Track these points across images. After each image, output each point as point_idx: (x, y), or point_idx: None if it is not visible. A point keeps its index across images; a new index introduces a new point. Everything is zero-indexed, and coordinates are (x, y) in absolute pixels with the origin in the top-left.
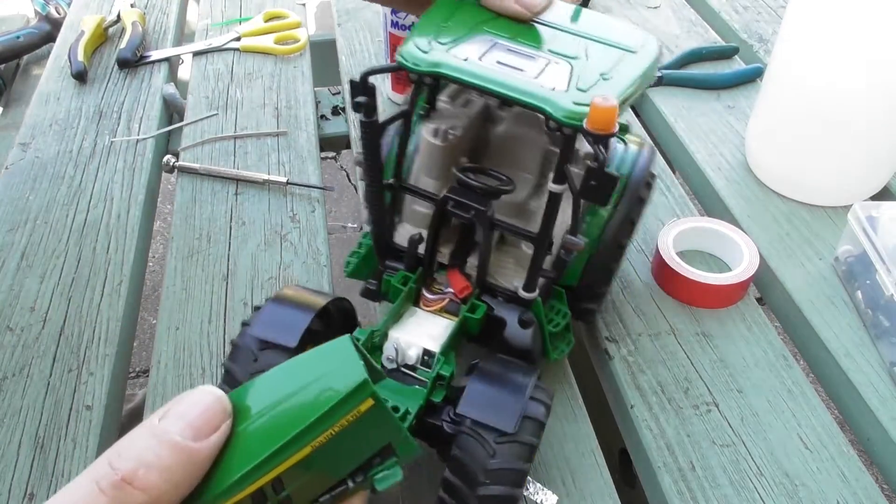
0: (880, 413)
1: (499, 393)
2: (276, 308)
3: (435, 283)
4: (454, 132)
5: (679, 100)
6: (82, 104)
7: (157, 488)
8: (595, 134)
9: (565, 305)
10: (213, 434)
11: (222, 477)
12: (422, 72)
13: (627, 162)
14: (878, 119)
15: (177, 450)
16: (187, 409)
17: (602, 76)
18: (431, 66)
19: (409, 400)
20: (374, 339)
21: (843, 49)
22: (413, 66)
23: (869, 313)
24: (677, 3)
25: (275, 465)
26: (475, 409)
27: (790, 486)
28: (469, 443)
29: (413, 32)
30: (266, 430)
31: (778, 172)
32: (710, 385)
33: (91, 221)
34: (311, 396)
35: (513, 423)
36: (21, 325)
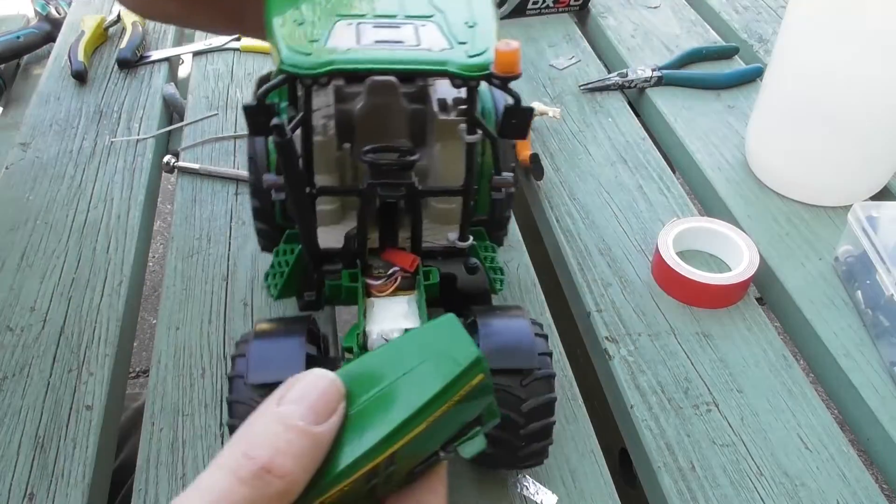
0: (880, 413)
1: (509, 340)
2: (263, 348)
3: (374, 270)
4: (329, 122)
5: (679, 100)
6: (82, 104)
7: (292, 474)
8: (504, 77)
9: (488, 240)
10: (331, 416)
11: (340, 458)
12: (318, 74)
13: (487, 96)
14: (877, 119)
15: (303, 434)
16: (304, 392)
17: (467, 24)
18: (325, 66)
19: None
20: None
21: (842, 49)
22: (308, 72)
23: (869, 313)
24: (677, 3)
25: (393, 443)
26: (496, 359)
27: (790, 486)
28: (499, 394)
29: (277, 40)
30: (381, 408)
31: (778, 172)
32: (710, 385)
33: (91, 221)
34: (426, 373)
35: (533, 360)
36: (21, 325)
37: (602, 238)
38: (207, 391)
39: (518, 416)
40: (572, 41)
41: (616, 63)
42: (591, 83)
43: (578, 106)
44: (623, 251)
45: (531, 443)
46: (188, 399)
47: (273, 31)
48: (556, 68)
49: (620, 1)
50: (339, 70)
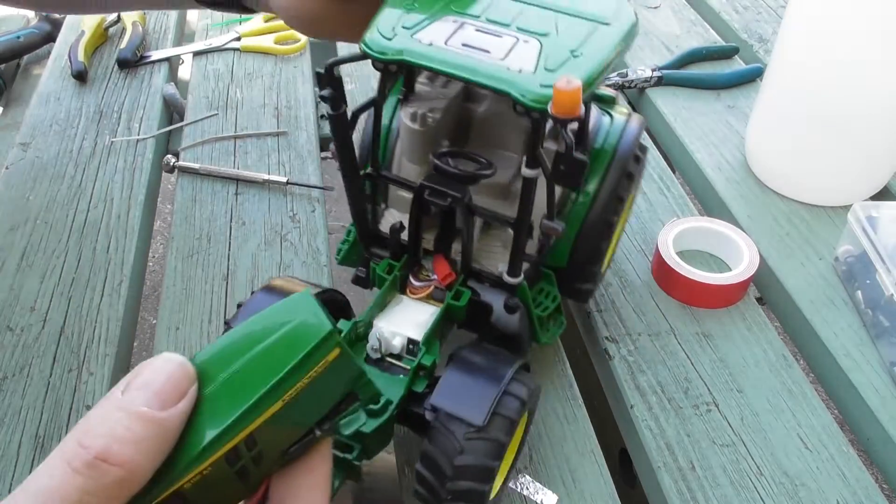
0: (880, 413)
1: (474, 384)
2: (258, 301)
3: (423, 270)
4: (433, 115)
5: (679, 100)
6: (82, 104)
7: (132, 461)
8: (560, 118)
9: (555, 287)
10: (180, 401)
11: (194, 441)
12: (386, 60)
13: (613, 135)
14: (877, 119)
15: (146, 420)
16: (150, 378)
17: (572, 53)
18: (395, 54)
19: (392, 389)
20: (357, 329)
21: (842, 49)
22: (378, 55)
23: (869, 313)
24: (677, 3)
25: (248, 423)
26: (448, 400)
27: (790, 486)
28: (439, 436)
29: (377, 19)
30: (235, 389)
31: (778, 172)
32: (710, 385)
33: (91, 221)
34: (278, 351)
35: (483, 416)
36: (21, 325)
37: None
38: None
39: (448, 466)
40: None
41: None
42: None
43: None
44: (623, 251)
45: (456, 501)
46: None
47: (384, 5)
48: None
49: None
50: (406, 62)
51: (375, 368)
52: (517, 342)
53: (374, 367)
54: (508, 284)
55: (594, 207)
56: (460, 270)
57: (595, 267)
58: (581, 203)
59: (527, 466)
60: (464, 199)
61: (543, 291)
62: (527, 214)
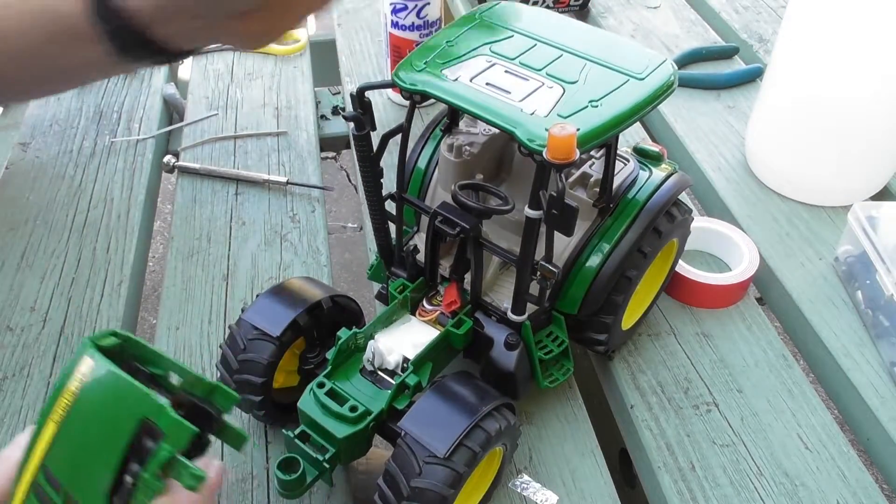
0: (880, 413)
1: (446, 413)
2: (272, 297)
3: (437, 296)
4: (470, 149)
5: (679, 100)
6: (82, 104)
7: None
8: (554, 162)
9: (564, 332)
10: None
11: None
12: (410, 90)
13: (646, 190)
14: (877, 119)
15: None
16: None
17: (591, 103)
18: (419, 85)
19: (375, 402)
20: (357, 340)
21: (842, 49)
22: (404, 84)
23: (869, 313)
24: (677, 3)
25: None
26: (416, 424)
27: (790, 486)
28: (402, 456)
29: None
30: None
31: (778, 172)
32: (710, 385)
33: (91, 221)
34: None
35: (446, 447)
36: (21, 325)
37: None
38: None
39: (404, 486)
40: None
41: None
42: None
43: None
44: None
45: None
46: None
47: (426, 42)
48: None
49: (620, 1)
50: (427, 93)
51: (367, 380)
52: (512, 381)
53: (366, 379)
54: (512, 322)
55: (611, 258)
56: (468, 300)
57: (608, 319)
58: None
59: (527, 467)
60: (471, 231)
61: (551, 335)
62: (528, 254)
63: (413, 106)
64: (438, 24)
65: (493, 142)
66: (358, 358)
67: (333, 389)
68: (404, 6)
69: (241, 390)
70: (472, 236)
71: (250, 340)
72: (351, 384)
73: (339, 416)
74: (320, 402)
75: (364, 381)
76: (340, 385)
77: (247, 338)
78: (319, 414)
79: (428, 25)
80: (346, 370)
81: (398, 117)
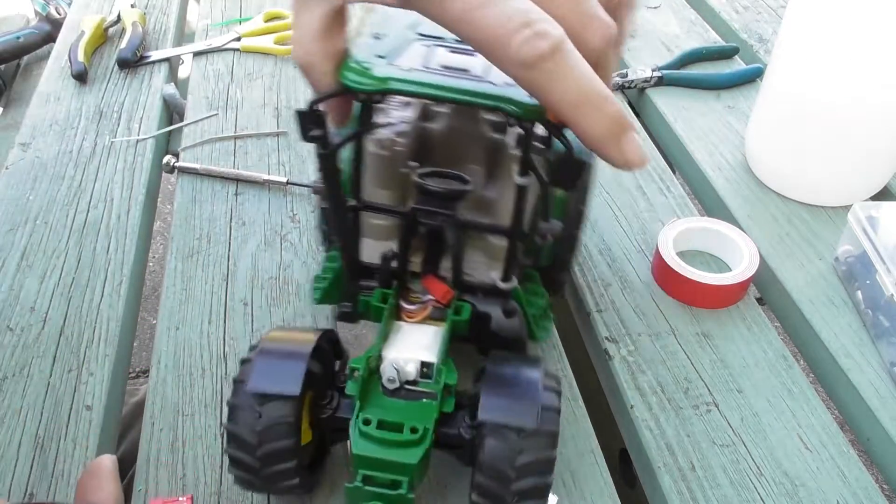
0: (880, 413)
1: (513, 392)
2: (268, 357)
3: (411, 294)
4: (401, 139)
5: (679, 100)
6: (82, 104)
7: None
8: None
9: (540, 285)
10: None
11: None
12: (371, 91)
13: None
14: (877, 119)
15: None
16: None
17: None
18: (380, 84)
19: (422, 416)
20: (371, 364)
21: (843, 49)
22: (362, 87)
23: (869, 313)
24: (677, 3)
25: None
26: (495, 413)
27: (790, 486)
28: (495, 445)
29: (350, 52)
30: None
31: (778, 172)
32: (710, 385)
33: (91, 221)
34: None
35: (534, 419)
36: (21, 325)
37: (602, 238)
38: (207, 391)
39: (510, 469)
40: None
41: None
42: None
43: None
44: (623, 251)
45: (523, 500)
46: (188, 399)
47: (352, 40)
48: None
49: None
50: (393, 91)
51: (396, 399)
52: (520, 344)
53: (394, 398)
54: (503, 290)
55: (570, 201)
56: (454, 286)
57: (572, 256)
58: (560, 200)
59: None
60: (455, 215)
61: (531, 291)
62: (521, 221)
63: (371, 108)
64: None
65: (413, 128)
66: (374, 382)
67: (382, 421)
68: None
69: (266, 465)
70: (457, 221)
71: (266, 404)
72: (386, 409)
73: (403, 443)
74: (376, 438)
75: (393, 400)
76: (381, 414)
77: (261, 406)
78: (381, 450)
79: None
80: (372, 398)
81: None
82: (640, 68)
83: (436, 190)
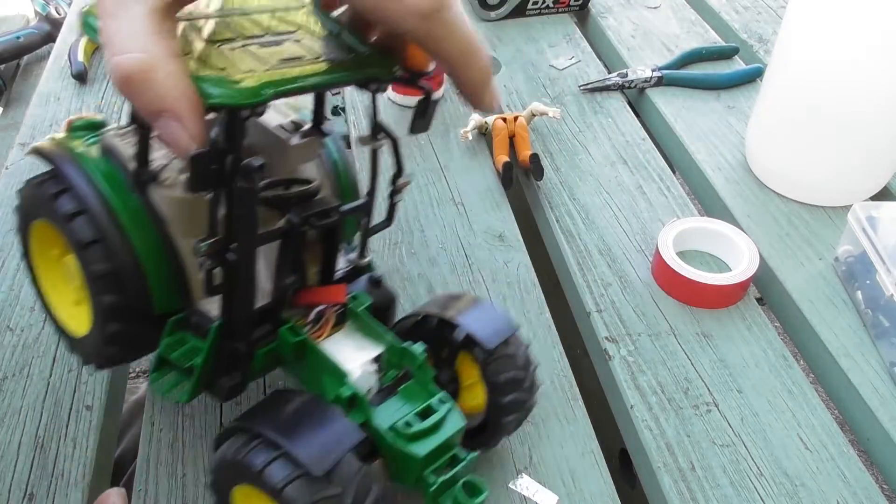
0: (880, 413)
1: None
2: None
3: (293, 319)
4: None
5: (679, 100)
6: (82, 104)
7: None
8: (416, 72)
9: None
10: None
11: None
12: (259, 102)
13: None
14: (878, 119)
15: None
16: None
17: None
18: (264, 91)
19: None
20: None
21: (842, 49)
22: (249, 101)
23: (869, 313)
24: (677, 3)
25: None
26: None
27: (790, 486)
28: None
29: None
30: None
31: (778, 172)
32: (710, 385)
33: None
34: None
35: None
36: (21, 326)
37: (602, 238)
38: None
39: (523, 373)
40: (572, 41)
41: (616, 63)
42: (591, 83)
43: (578, 106)
44: (623, 251)
45: (533, 393)
46: None
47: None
48: (556, 68)
49: (620, 1)
50: (283, 92)
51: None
52: (392, 306)
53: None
54: (365, 265)
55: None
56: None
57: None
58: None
59: (527, 467)
60: (339, 208)
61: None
62: (376, 189)
63: (243, 122)
64: None
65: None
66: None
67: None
68: None
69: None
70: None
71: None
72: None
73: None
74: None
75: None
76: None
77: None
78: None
79: None
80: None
81: (399, 118)
82: (640, 68)
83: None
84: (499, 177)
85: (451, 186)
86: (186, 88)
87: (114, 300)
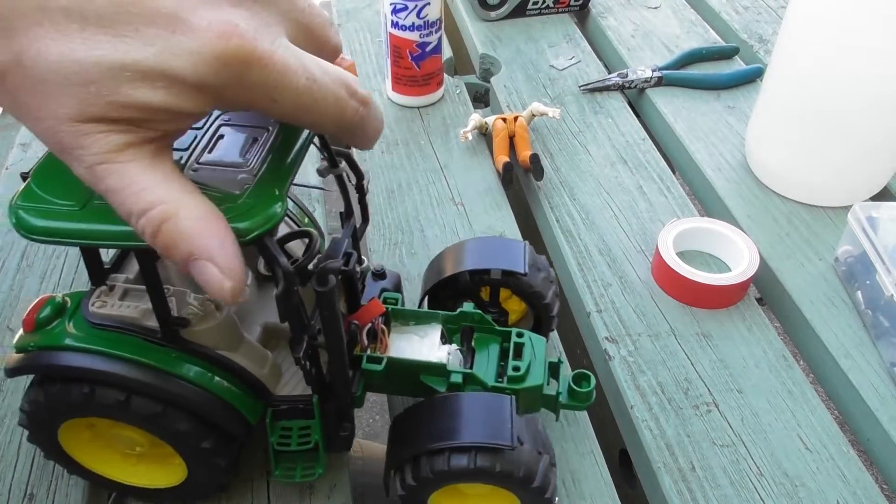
0: (880, 413)
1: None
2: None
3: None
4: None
5: (679, 100)
6: None
7: None
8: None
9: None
10: None
11: None
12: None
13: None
14: (878, 119)
15: None
16: None
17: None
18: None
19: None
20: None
21: (843, 49)
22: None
23: (869, 313)
24: (677, 3)
25: None
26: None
27: (790, 487)
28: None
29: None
30: None
31: (778, 172)
32: (710, 385)
33: None
34: None
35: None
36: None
37: (602, 238)
38: None
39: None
40: (572, 41)
41: (616, 63)
42: (591, 83)
43: (578, 106)
44: (623, 251)
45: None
46: None
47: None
48: (556, 68)
49: (620, 1)
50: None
51: (477, 356)
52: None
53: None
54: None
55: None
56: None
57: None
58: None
59: None
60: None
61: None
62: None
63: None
64: (438, 24)
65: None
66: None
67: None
68: (404, 6)
69: None
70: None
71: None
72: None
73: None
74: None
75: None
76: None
77: None
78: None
79: (428, 25)
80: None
81: (400, 119)
82: (640, 68)
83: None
84: (499, 177)
85: (451, 186)
86: (212, 224)
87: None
